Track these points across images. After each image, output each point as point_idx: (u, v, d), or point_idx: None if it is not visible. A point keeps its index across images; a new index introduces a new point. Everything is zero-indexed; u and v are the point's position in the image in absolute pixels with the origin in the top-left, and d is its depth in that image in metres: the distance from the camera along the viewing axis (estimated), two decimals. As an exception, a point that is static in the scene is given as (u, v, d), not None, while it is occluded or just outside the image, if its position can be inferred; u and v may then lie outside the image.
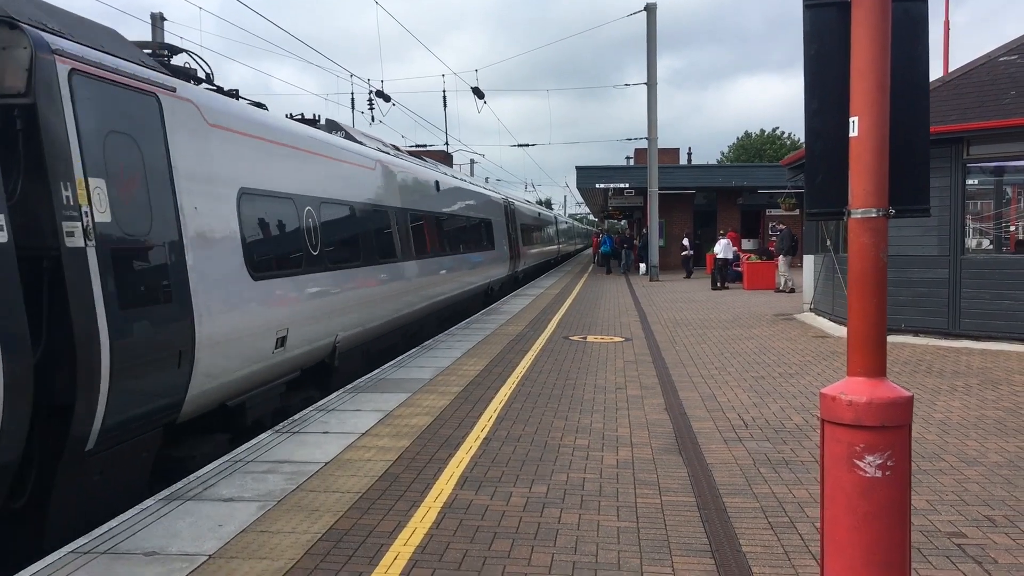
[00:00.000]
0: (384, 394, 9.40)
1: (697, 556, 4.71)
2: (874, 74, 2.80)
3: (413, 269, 14.54)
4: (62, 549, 4.88)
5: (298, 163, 10.02)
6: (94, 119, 5.94)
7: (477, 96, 31.83)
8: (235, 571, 4.53)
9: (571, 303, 21.73)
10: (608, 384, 9.95)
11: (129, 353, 5.96)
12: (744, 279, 26.95)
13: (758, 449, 6.95)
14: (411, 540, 4.99)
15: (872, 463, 2.74)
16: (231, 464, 6.60)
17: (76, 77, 5.82)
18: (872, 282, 2.84)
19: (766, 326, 15.96)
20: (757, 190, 36.53)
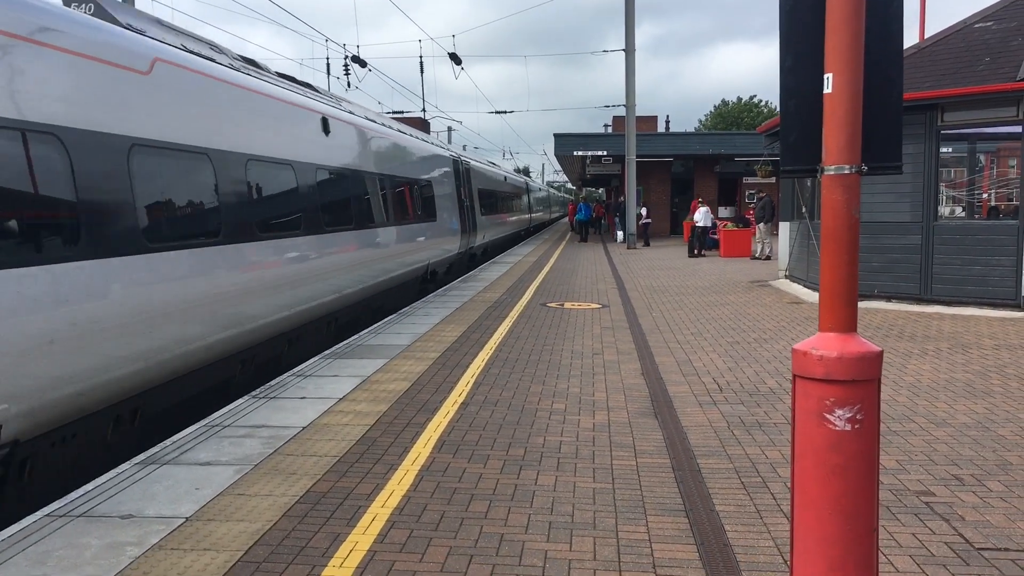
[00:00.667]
0: (362, 360, 9.40)
1: (671, 516, 4.77)
2: (849, 31, 2.81)
3: (240, 259, 8.84)
4: (37, 512, 4.87)
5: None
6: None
7: (454, 62, 31.61)
8: (212, 533, 4.55)
9: (548, 270, 21.76)
10: (585, 349, 10.00)
11: None
12: (720, 247, 27.10)
13: (732, 412, 7.04)
14: (388, 502, 5.03)
15: (842, 417, 2.79)
16: (208, 429, 6.59)
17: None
18: (844, 239, 2.87)
19: (741, 292, 16.08)
20: (734, 158, 36.65)
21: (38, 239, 5.91)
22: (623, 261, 25.01)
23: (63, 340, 6.00)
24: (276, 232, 9.78)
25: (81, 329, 6.21)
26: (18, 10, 6.02)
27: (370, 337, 11.01)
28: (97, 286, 6.44)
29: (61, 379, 6.03)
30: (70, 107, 6.37)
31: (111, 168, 6.79)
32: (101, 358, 6.46)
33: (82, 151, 6.42)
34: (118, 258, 6.72)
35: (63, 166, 6.23)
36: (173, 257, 7.51)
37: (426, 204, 18.58)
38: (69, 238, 6.20)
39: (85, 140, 6.48)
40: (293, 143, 10.82)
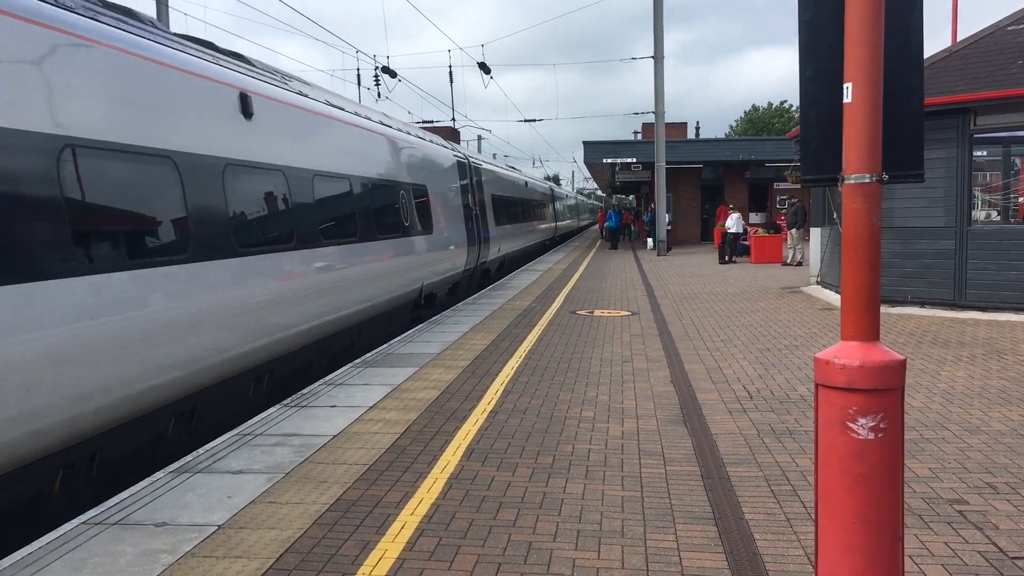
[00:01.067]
0: (392, 368, 9.46)
1: (700, 524, 4.76)
2: (868, 39, 2.81)
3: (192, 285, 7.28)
4: (74, 520, 4.97)
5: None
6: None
7: (483, 71, 31.77)
8: (244, 540, 4.61)
9: (578, 278, 21.76)
10: (615, 357, 9.99)
11: None
12: (751, 253, 26.92)
13: (762, 420, 7.00)
14: (418, 510, 5.06)
15: (865, 425, 2.78)
16: (240, 437, 6.68)
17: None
18: (865, 247, 2.86)
19: (772, 299, 15.97)
20: (765, 163, 36.39)
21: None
22: (653, 268, 24.94)
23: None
24: (247, 248, 8.35)
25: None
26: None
27: (400, 346, 11.08)
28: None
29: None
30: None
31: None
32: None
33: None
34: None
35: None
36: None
37: (419, 213, 15.07)
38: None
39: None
40: (268, 147, 9.23)
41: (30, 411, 5.42)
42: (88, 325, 5.96)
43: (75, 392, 5.83)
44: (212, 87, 8.29)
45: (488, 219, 22.65)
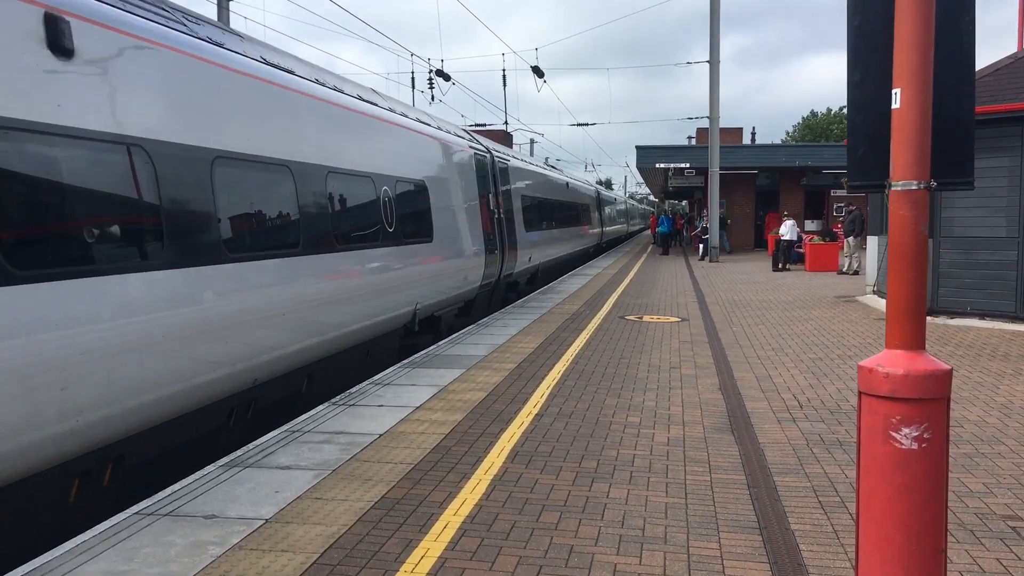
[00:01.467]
0: (439, 369, 9.53)
1: (745, 533, 4.72)
2: (918, 45, 2.76)
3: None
4: (127, 511, 5.09)
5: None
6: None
7: (537, 75, 31.79)
8: (290, 535, 4.68)
9: (628, 283, 21.65)
10: (662, 363, 9.93)
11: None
12: (806, 260, 26.54)
13: (812, 430, 6.90)
14: (461, 510, 5.09)
15: (908, 435, 2.74)
16: (289, 434, 6.78)
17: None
18: (912, 255, 2.81)
19: (826, 308, 15.72)
20: (822, 170, 35.81)
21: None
22: (705, 274, 24.72)
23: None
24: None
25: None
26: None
27: (448, 347, 11.14)
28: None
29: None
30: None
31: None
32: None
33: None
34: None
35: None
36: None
37: (410, 215, 11.98)
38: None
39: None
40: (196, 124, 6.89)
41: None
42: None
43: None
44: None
45: (516, 224, 19.48)
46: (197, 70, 7.07)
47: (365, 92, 11.78)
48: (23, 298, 4.91)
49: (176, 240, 6.41)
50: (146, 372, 5.98)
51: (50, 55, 5.33)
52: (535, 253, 21.80)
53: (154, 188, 6.24)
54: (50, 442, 5.11)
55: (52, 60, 5.34)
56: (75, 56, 5.55)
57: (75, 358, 5.26)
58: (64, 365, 5.16)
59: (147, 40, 6.43)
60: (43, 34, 5.28)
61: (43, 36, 5.28)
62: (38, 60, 5.23)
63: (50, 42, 5.32)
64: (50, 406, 5.07)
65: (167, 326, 6.22)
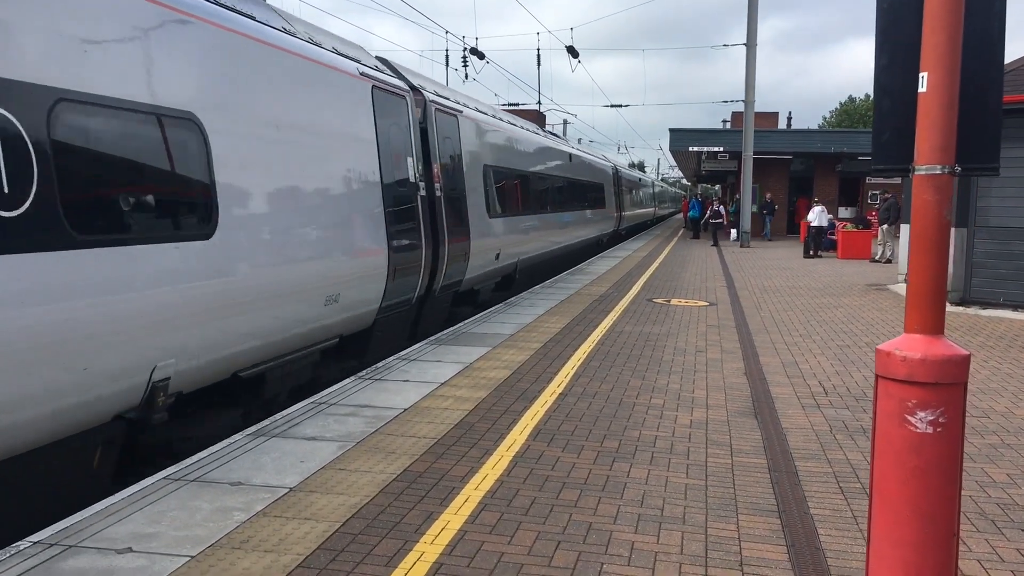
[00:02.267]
0: (465, 347, 9.58)
1: (763, 516, 4.73)
2: (947, 29, 2.73)
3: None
4: (156, 475, 5.21)
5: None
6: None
7: (571, 55, 31.63)
8: (313, 504, 4.77)
9: (658, 266, 21.58)
10: (688, 347, 9.92)
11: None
12: (838, 248, 26.28)
13: (836, 416, 6.88)
14: (482, 485, 5.15)
15: (923, 419, 2.73)
16: (315, 406, 6.88)
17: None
18: (934, 240, 2.80)
19: (857, 295, 15.58)
20: (857, 156, 35.35)
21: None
22: (735, 259, 24.56)
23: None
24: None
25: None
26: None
27: (475, 325, 11.21)
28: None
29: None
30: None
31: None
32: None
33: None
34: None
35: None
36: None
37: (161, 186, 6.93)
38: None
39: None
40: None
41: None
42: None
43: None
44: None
45: (473, 205, 13.74)
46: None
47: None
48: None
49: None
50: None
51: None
52: (509, 245, 16.15)
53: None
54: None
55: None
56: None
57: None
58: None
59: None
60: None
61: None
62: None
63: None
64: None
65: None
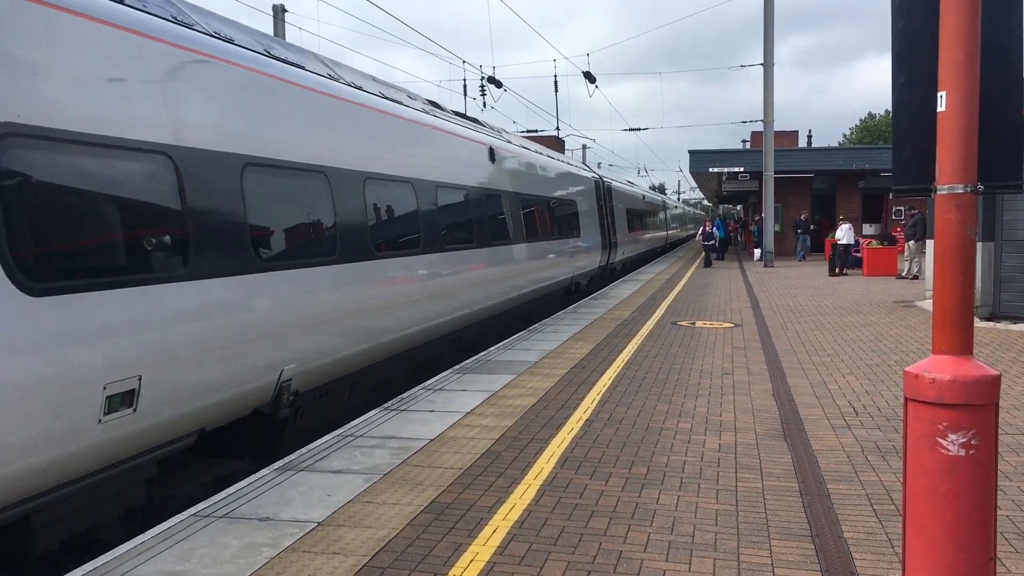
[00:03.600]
0: (490, 375, 9.57)
1: (797, 540, 4.66)
2: (963, 47, 2.72)
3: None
4: (184, 512, 5.22)
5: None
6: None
7: (588, 80, 31.75)
8: (342, 538, 4.76)
9: (681, 288, 21.50)
10: (715, 369, 9.84)
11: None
12: (864, 265, 26.06)
13: (868, 437, 6.78)
14: (510, 515, 5.12)
15: (955, 441, 2.69)
16: (341, 439, 6.88)
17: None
18: (959, 259, 2.77)
19: (884, 313, 15.42)
20: (880, 173, 35.12)
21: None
22: (759, 279, 24.42)
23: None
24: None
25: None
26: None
27: (499, 353, 11.19)
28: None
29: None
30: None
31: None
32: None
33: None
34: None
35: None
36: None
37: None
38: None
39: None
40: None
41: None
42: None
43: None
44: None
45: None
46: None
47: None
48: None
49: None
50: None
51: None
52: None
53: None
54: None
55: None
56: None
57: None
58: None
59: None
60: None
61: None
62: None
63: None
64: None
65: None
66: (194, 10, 7.20)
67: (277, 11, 24.53)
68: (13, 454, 4.60)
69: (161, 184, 5.92)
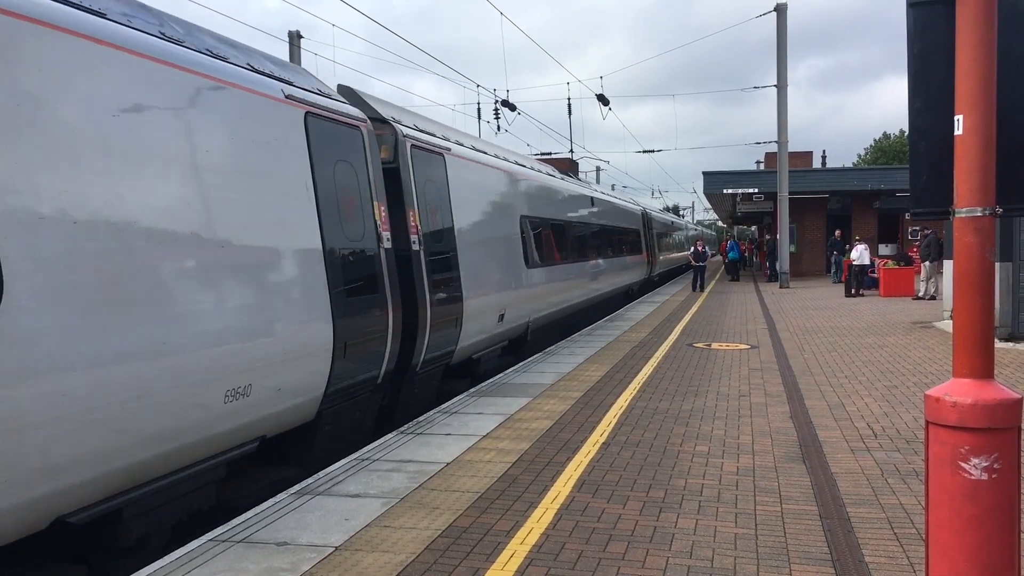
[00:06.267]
0: (506, 398, 9.56)
1: (817, 565, 4.62)
2: (979, 71, 2.73)
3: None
4: (202, 537, 5.23)
5: None
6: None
7: (602, 103, 31.86)
8: (359, 563, 4.75)
9: (696, 310, 21.43)
10: (731, 391, 9.80)
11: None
12: (880, 286, 25.91)
13: (887, 459, 6.73)
14: (527, 539, 5.10)
15: (977, 465, 2.67)
16: (358, 463, 6.88)
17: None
18: (978, 282, 2.76)
19: (902, 334, 15.32)
20: (895, 193, 35.01)
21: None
22: (775, 301, 24.32)
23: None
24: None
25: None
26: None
27: (515, 375, 11.19)
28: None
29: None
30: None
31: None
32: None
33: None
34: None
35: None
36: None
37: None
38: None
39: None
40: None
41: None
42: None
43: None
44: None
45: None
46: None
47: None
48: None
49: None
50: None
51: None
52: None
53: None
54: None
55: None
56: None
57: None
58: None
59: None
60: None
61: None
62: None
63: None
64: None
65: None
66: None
67: (293, 37, 24.81)
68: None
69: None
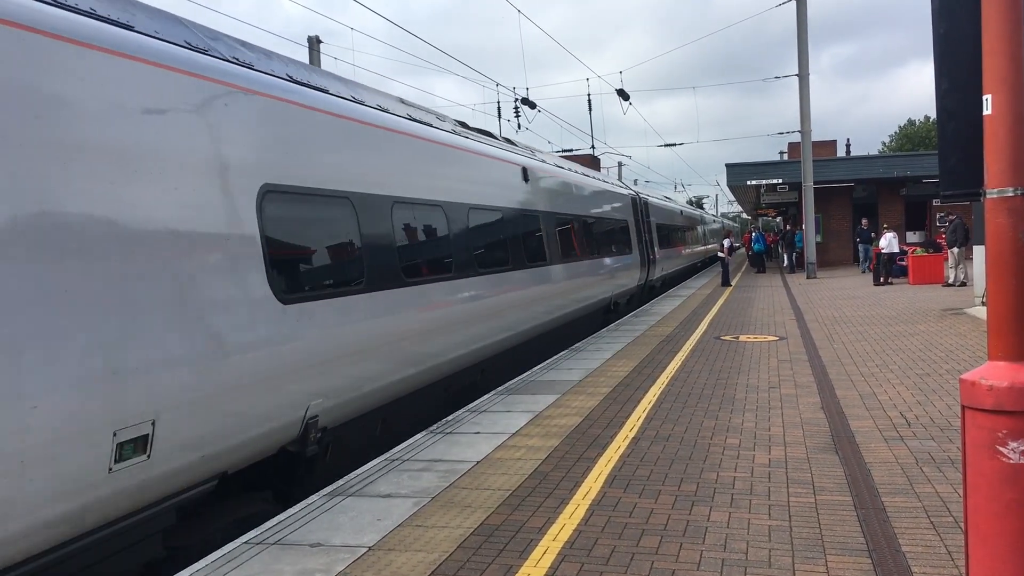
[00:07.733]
0: (534, 395, 9.56)
1: (853, 556, 4.58)
2: (1007, 49, 2.68)
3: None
4: (236, 540, 5.27)
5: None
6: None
7: (622, 98, 31.77)
8: (393, 562, 4.77)
9: (723, 303, 21.32)
10: (761, 383, 9.74)
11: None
12: (909, 273, 25.64)
13: (921, 448, 6.66)
14: (560, 536, 5.09)
15: (1016, 449, 2.63)
16: (389, 463, 6.91)
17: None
18: (1011, 263, 2.72)
19: (933, 322, 15.15)
20: (922, 180, 34.61)
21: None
22: (802, 291, 24.14)
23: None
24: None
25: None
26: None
27: (543, 373, 11.18)
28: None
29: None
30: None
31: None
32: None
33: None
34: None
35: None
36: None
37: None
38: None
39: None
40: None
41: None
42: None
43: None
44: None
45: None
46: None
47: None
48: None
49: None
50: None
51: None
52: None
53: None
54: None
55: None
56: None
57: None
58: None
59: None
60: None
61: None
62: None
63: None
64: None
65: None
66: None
67: (312, 42, 24.93)
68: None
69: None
